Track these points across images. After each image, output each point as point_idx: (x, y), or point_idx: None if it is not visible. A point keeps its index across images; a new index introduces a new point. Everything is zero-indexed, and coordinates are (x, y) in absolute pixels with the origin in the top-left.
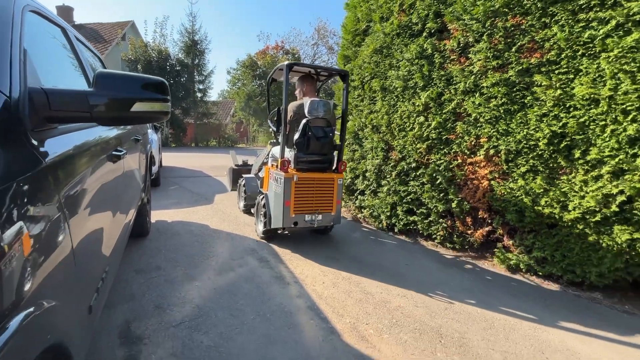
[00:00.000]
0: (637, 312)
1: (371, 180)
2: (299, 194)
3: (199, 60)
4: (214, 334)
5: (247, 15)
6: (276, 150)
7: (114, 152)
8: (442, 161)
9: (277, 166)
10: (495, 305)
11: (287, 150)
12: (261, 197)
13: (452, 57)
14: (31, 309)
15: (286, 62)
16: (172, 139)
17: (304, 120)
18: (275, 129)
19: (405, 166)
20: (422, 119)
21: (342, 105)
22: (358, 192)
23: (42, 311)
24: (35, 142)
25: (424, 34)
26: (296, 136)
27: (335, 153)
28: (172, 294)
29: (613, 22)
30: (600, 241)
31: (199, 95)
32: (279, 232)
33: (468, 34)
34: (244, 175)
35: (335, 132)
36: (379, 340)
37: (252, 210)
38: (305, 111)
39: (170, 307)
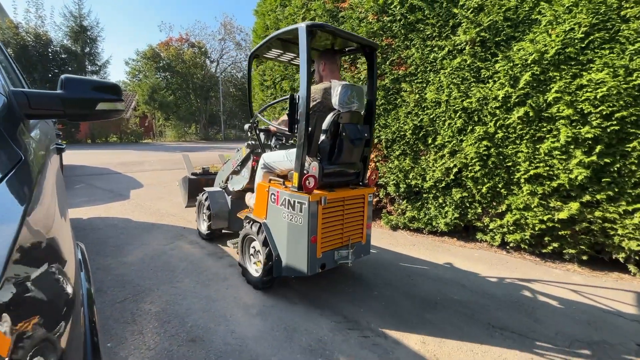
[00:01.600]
0: (467, 245)
1: None
2: (327, 223)
3: (91, 49)
4: (160, 302)
5: (146, 4)
6: (275, 157)
7: (57, 146)
8: None
9: (283, 183)
10: (383, 252)
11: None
12: (255, 227)
13: (345, 66)
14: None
15: (304, 23)
16: (62, 135)
17: (330, 115)
18: (285, 129)
19: None
20: None
21: (369, 95)
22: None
23: (80, 249)
24: (27, 133)
25: None
26: (321, 138)
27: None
28: (109, 279)
29: (446, 49)
30: (446, 200)
31: None
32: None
33: None
34: (207, 189)
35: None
36: (297, 284)
37: (230, 243)
38: (335, 101)
39: (111, 289)
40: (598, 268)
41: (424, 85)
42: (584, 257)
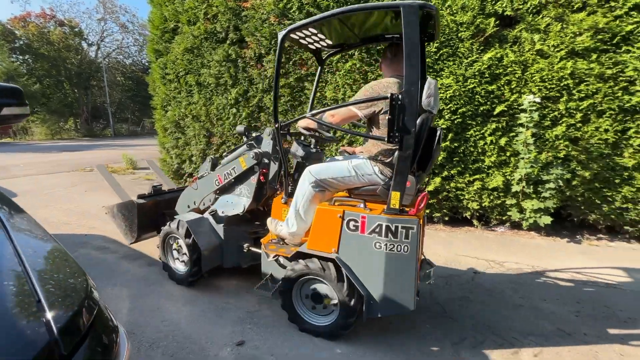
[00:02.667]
0: None
1: (197, 163)
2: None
3: None
4: None
5: None
6: (332, 171)
7: None
8: None
9: (364, 205)
10: None
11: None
12: (326, 265)
13: (251, 63)
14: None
15: (414, 2)
16: None
17: (422, 118)
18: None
19: (226, 149)
20: (234, 110)
21: None
22: (187, 174)
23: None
24: None
25: (228, 41)
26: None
27: None
28: None
29: (339, 54)
30: None
31: None
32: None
33: (261, 47)
34: (183, 219)
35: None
36: (219, 275)
37: (267, 292)
38: (430, 102)
39: None
40: (456, 225)
41: (324, 84)
42: (446, 218)
